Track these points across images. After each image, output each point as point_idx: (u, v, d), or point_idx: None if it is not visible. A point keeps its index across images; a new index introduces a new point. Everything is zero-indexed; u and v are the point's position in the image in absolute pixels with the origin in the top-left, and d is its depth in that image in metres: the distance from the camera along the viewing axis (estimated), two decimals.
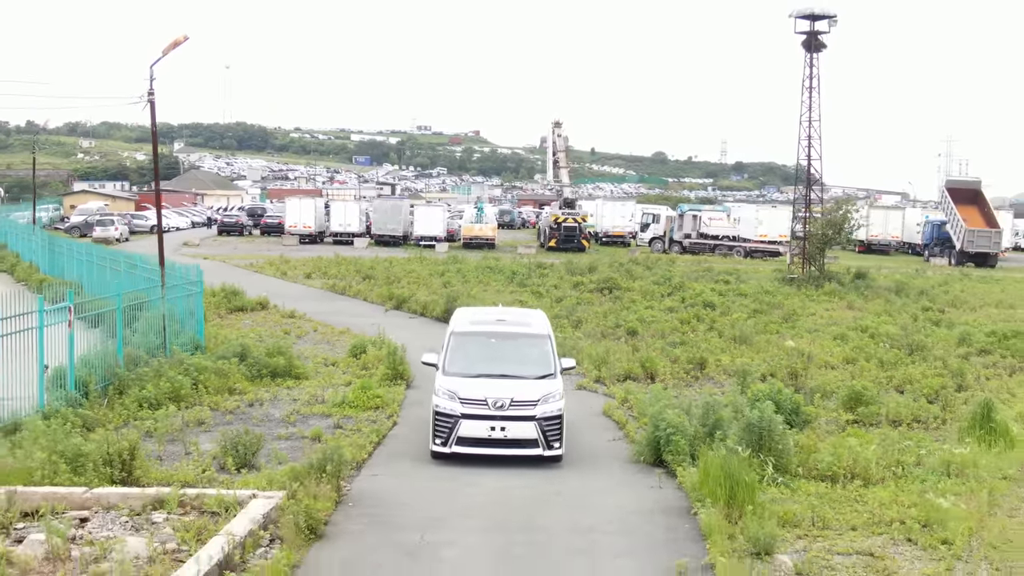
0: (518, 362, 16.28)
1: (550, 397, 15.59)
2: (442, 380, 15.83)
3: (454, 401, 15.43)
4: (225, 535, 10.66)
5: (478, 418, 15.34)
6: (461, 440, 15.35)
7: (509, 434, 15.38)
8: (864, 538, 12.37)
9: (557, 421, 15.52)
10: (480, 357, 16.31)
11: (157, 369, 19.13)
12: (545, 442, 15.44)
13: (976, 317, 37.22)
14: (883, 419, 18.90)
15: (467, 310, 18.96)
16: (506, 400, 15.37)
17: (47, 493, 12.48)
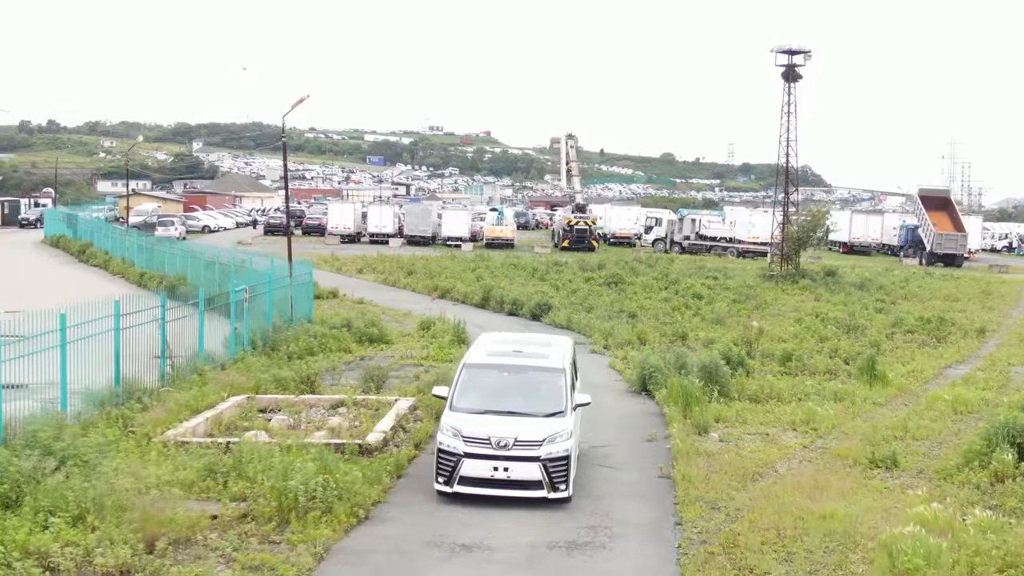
0: (527, 398, 15.75)
1: (557, 437, 15.01)
2: (447, 416, 15.44)
3: (457, 439, 14.97)
4: (394, 412, 18.78)
5: (481, 457, 14.84)
6: (463, 480, 14.89)
7: (512, 475, 14.85)
8: (766, 427, 20.40)
9: (563, 462, 14.94)
10: (489, 392, 15.89)
11: (294, 334, 27.22)
12: (550, 484, 14.88)
13: (920, 307, 45.14)
14: (805, 371, 26.90)
15: (490, 336, 18.73)
16: (510, 439, 14.86)
17: (270, 399, 20.56)
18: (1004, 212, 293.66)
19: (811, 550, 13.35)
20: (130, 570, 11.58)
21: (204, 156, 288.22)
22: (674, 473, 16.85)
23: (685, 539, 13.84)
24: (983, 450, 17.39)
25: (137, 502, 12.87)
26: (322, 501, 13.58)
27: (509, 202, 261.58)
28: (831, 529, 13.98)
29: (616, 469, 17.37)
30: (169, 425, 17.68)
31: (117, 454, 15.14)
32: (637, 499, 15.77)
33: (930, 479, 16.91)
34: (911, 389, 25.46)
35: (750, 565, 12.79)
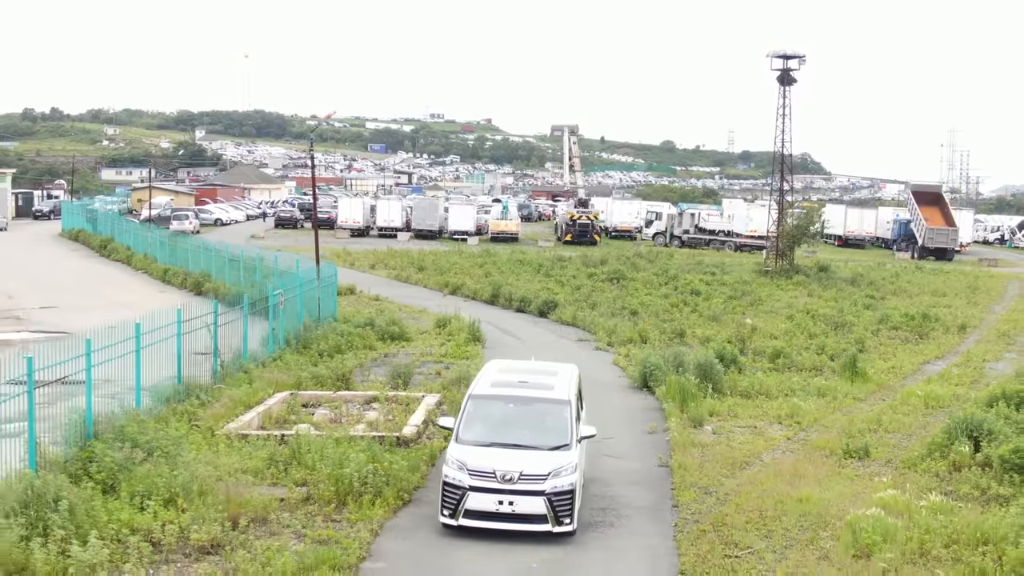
0: (533, 430, 15.77)
1: (562, 471, 15.02)
2: (452, 449, 15.46)
3: (462, 472, 15.00)
4: (424, 407, 21.17)
5: (486, 491, 14.88)
6: (468, 513, 14.95)
7: (517, 508, 14.88)
8: (754, 421, 22.77)
9: (568, 496, 14.97)
10: (494, 424, 15.93)
11: (323, 333, 29.57)
12: (555, 518, 14.91)
13: (908, 302, 47.47)
14: (793, 367, 29.27)
15: (496, 364, 18.51)
16: (515, 473, 14.88)
17: (310, 395, 22.93)
18: (1002, 201, 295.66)
19: (788, 528, 15.72)
20: (220, 544, 13.96)
21: (207, 144, 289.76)
22: (671, 462, 19.23)
23: (681, 519, 16.21)
24: (944, 442, 19.77)
25: (218, 487, 15.25)
26: (372, 486, 15.95)
27: (510, 190, 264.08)
28: (806, 511, 16.35)
29: (621, 459, 19.76)
30: (227, 419, 20.05)
31: (190, 446, 17.50)
32: (639, 485, 18.15)
33: (896, 468, 19.27)
34: (889, 385, 27.84)
35: (735, 540, 15.17)
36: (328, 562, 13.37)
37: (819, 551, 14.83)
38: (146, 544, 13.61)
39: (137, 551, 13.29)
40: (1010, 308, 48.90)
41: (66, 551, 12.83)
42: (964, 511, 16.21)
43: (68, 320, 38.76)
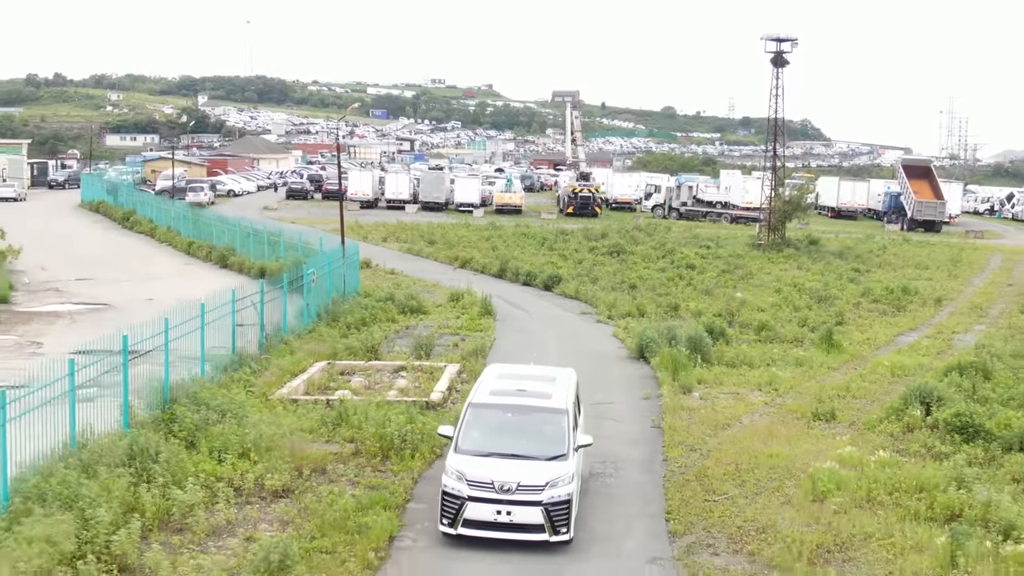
0: (530, 440, 16.08)
1: (559, 481, 15.33)
2: (452, 459, 15.77)
3: (461, 482, 15.30)
4: (447, 375, 24.20)
5: (484, 501, 15.20)
6: (467, 523, 15.27)
7: (515, 518, 15.19)
8: (737, 388, 25.77)
9: (565, 506, 15.29)
10: (493, 433, 16.22)
11: (349, 307, 32.54)
12: (552, 527, 15.24)
13: (891, 275, 50.36)
14: (776, 339, 32.24)
15: (495, 371, 18.81)
16: (513, 484, 15.18)
17: (345, 364, 25.93)
18: (1000, 168, 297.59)
19: (759, 479, 18.75)
20: (290, 489, 16.99)
21: (210, 110, 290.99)
22: (663, 424, 22.26)
23: (669, 471, 19.25)
24: (900, 407, 22.79)
25: (283, 443, 18.27)
26: (410, 442, 18.98)
27: (511, 157, 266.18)
28: (775, 464, 19.37)
29: (619, 422, 22.78)
30: (277, 386, 23.07)
31: (252, 409, 20.51)
32: (635, 443, 21.18)
33: (857, 429, 22.29)
34: (862, 355, 30.82)
35: (714, 488, 18.20)
36: (380, 503, 16.41)
37: (783, 497, 17.86)
38: (229, 489, 16.64)
39: (224, 494, 16.32)
40: (988, 281, 51.78)
41: (167, 494, 15.84)
42: (908, 465, 19.24)
43: (104, 292, 41.73)
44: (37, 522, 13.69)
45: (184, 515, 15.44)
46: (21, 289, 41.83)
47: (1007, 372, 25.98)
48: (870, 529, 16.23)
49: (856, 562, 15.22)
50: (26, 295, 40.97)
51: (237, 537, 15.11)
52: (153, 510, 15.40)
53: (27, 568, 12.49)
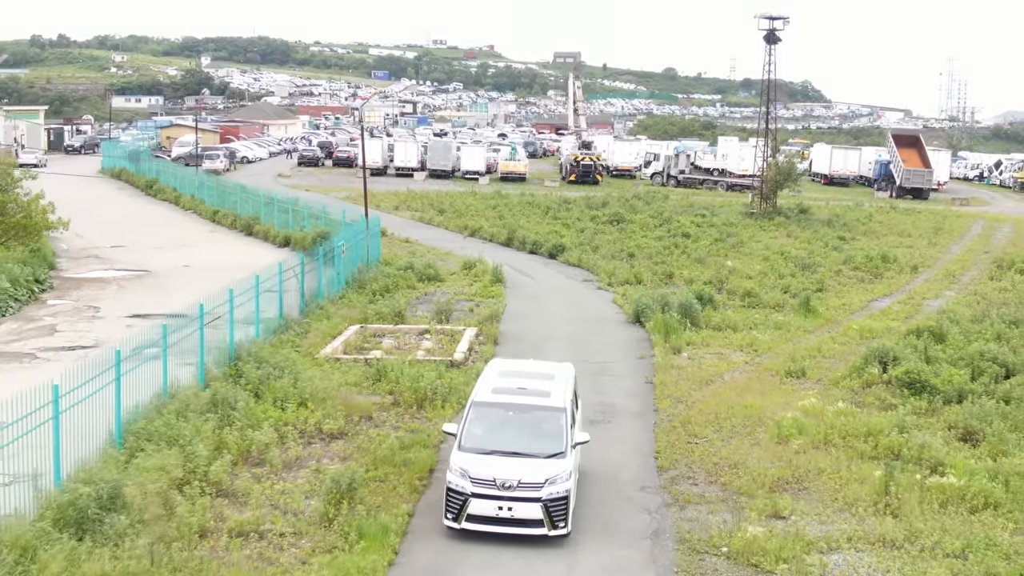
0: (530, 437, 16.83)
1: (557, 479, 16.07)
2: (456, 457, 16.48)
3: (465, 479, 16.05)
4: (467, 338, 27.69)
5: (487, 498, 15.95)
6: (470, 517, 16.03)
7: (516, 514, 15.96)
8: (721, 349, 29.24)
9: (563, 502, 16.06)
10: (494, 431, 16.97)
11: (374, 275, 35.94)
12: (550, 522, 16.00)
13: (874, 243, 53.68)
14: (760, 305, 35.65)
15: (497, 367, 19.41)
16: (513, 481, 15.94)
17: (376, 328, 29.39)
18: (999, 130, 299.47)
19: (734, 425, 22.24)
20: (344, 432, 20.49)
21: (213, 72, 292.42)
22: (655, 380, 25.74)
23: (659, 419, 22.75)
24: (861, 365, 26.27)
25: (335, 394, 21.77)
26: (441, 394, 22.47)
27: (513, 119, 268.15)
28: (749, 414, 22.85)
29: (617, 377, 26.27)
30: (320, 347, 26.54)
31: (303, 366, 23.99)
32: (631, 396, 24.67)
33: (823, 385, 25.77)
34: (836, 320, 34.27)
35: (696, 432, 21.71)
36: (419, 443, 19.93)
37: (754, 440, 21.38)
38: (295, 431, 20.15)
39: (291, 436, 19.83)
40: (966, 248, 55.11)
41: (246, 435, 19.32)
42: (860, 415, 22.74)
43: (142, 259, 45.07)
44: (149, 456, 17.19)
45: (261, 452, 18.94)
46: (62, 256, 45.06)
47: (960, 335, 29.40)
48: (823, 466, 19.71)
49: (809, 491, 18.73)
50: (69, 261, 44.25)
51: (307, 469, 18.65)
52: (236, 448, 18.88)
53: (151, 489, 15.97)
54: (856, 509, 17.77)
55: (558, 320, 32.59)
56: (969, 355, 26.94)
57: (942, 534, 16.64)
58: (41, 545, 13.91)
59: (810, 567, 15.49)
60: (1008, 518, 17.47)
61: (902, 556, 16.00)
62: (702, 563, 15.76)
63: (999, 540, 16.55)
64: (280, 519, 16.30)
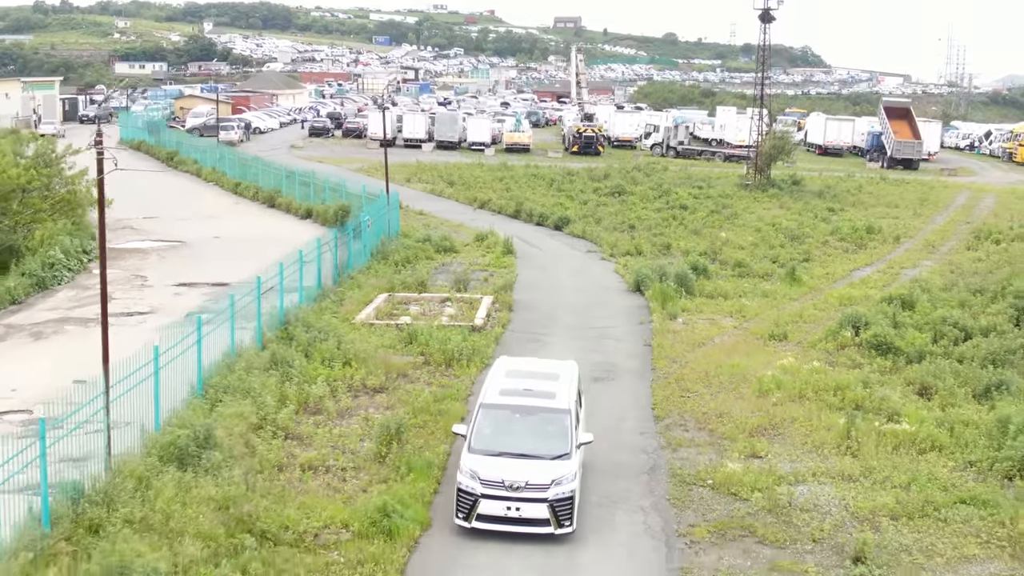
0: (537, 439, 17.43)
1: (563, 480, 16.71)
2: (466, 458, 17.13)
3: (475, 481, 16.73)
4: (484, 305, 30.98)
5: (496, 498, 16.62)
6: (480, 517, 16.72)
7: (524, 514, 16.62)
8: (712, 315, 32.52)
9: (568, 502, 16.72)
10: (502, 433, 17.58)
11: (395, 247, 39.15)
12: (556, 521, 16.69)
13: (862, 214, 56.76)
14: (750, 274, 38.88)
15: (503, 367, 20.07)
16: (522, 482, 16.60)
17: (402, 296, 32.65)
18: (997, 95, 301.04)
19: (721, 381, 25.55)
20: (385, 387, 23.79)
21: (216, 37, 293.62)
22: (653, 343, 29.03)
23: (656, 377, 26.05)
24: (836, 329, 29.55)
25: (375, 355, 25.07)
26: (466, 355, 25.77)
27: (514, 85, 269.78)
28: (735, 372, 26.13)
29: (619, 341, 29.57)
30: (355, 313, 29.81)
31: (343, 330, 27.26)
32: (631, 357, 27.97)
33: (802, 347, 29.06)
34: (819, 288, 37.52)
35: (688, 388, 25.02)
36: (449, 397, 23.25)
37: (738, 394, 24.69)
38: (343, 386, 23.47)
39: (341, 389, 23.16)
40: (948, 219, 58.23)
41: (303, 389, 22.63)
42: (832, 372, 26.06)
43: (174, 230, 48.19)
44: (228, 405, 20.52)
45: (317, 403, 22.26)
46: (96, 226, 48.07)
47: (927, 303, 32.65)
48: (796, 415, 23.05)
49: (782, 436, 22.07)
50: (107, 232, 47.33)
51: (357, 417, 22.00)
52: (296, 399, 22.19)
53: (235, 432, 19.30)
54: (822, 451, 21.12)
55: (565, 289, 35.88)
56: (933, 321, 30.24)
57: (892, 470, 19.98)
58: (152, 475, 17.22)
59: (779, 495, 18.83)
60: (950, 458, 20.81)
61: (856, 487, 19.35)
62: (690, 492, 19.11)
63: (939, 475, 19.90)
64: (341, 457, 19.67)
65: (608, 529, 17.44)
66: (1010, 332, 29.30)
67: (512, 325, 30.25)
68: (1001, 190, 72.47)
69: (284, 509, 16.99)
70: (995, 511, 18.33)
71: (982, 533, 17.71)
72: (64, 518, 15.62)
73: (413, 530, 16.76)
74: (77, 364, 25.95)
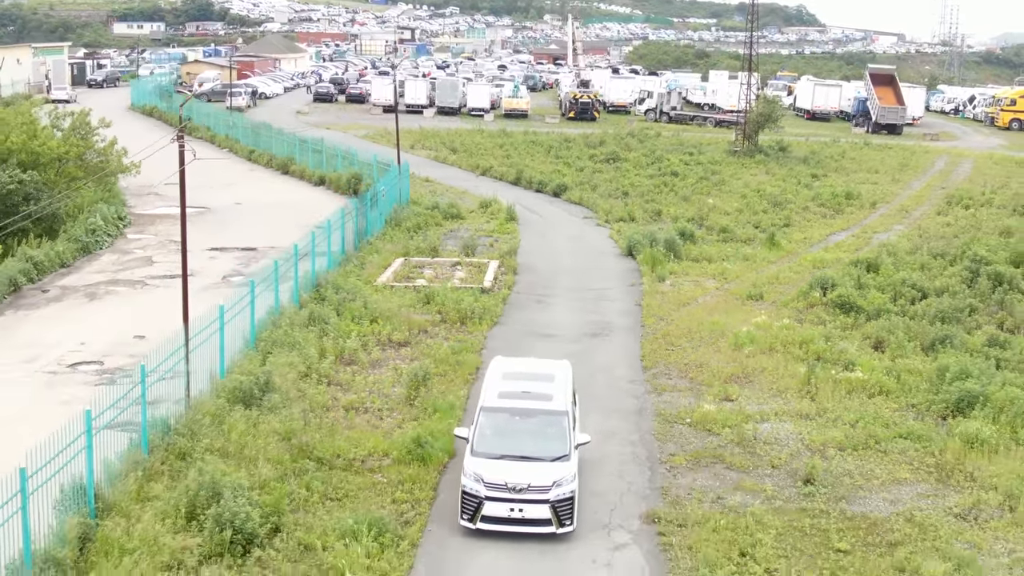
0: (537, 441, 18.11)
1: (563, 481, 17.37)
2: (470, 462, 17.71)
3: (479, 484, 17.31)
4: (492, 269, 34.48)
5: (499, 500, 17.27)
6: (485, 518, 17.33)
7: (526, 514, 17.28)
8: (697, 277, 36.04)
9: (569, 502, 17.39)
10: (503, 436, 18.21)
11: (407, 214, 42.52)
12: (558, 521, 17.36)
13: (843, 180, 60.05)
14: (733, 239, 42.33)
15: (499, 368, 20.51)
16: (524, 485, 17.25)
17: (417, 260, 36.10)
18: (991, 55, 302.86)
19: (702, 336, 29.08)
20: (408, 342, 27.31)
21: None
22: (643, 303, 32.55)
23: (644, 333, 29.58)
24: (807, 290, 33.08)
25: (398, 313, 28.59)
26: (477, 314, 29.29)
27: (509, 44, 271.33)
28: (714, 328, 29.64)
29: (613, 301, 33.10)
30: (375, 276, 33.27)
31: (368, 291, 30.73)
32: (623, 315, 31.50)
33: (775, 306, 32.58)
34: (796, 252, 40.97)
35: (672, 342, 28.57)
36: (465, 349, 26.78)
37: (716, 348, 28.25)
38: (373, 340, 26.99)
39: (371, 343, 26.69)
40: (925, 184, 61.53)
41: (338, 343, 26.13)
42: (799, 328, 29.61)
43: (197, 196, 50.89)
44: (278, 356, 24.05)
45: (352, 355, 25.78)
46: (126, 193, 51.26)
47: (891, 266, 36.15)
48: (766, 365, 26.62)
49: (752, 383, 25.64)
50: (134, 199, 50.45)
51: (387, 367, 25.55)
52: (333, 352, 25.71)
53: (287, 378, 22.83)
54: (785, 395, 24.74)
55: (564, 254, 39.32)
56: (894, 282, 33.79)
57: (843, 411, 23.61)
58: (224, 413, 20.77)
59: (746, 431, 22.44)
60: (895, 401, 24.44)
61: (811, 424, 22.98)
62: (671, 429, 22.72)
63: (883, 415, 23.52)
64: (377, 399, 23.25)
65: (602, 457, 21.01)
66: (961, 292, 32.86)
67: (517, 287, 33.74)
68: (979, 155, 75.67)
69: (334, 441, 20.59)
70: (928, 444, 21.94)
71: (914, 462, 21.34)
72: (158, 447, 19.21)
73: (442, 457, 20.33)
74: (132, 321, 29.73)
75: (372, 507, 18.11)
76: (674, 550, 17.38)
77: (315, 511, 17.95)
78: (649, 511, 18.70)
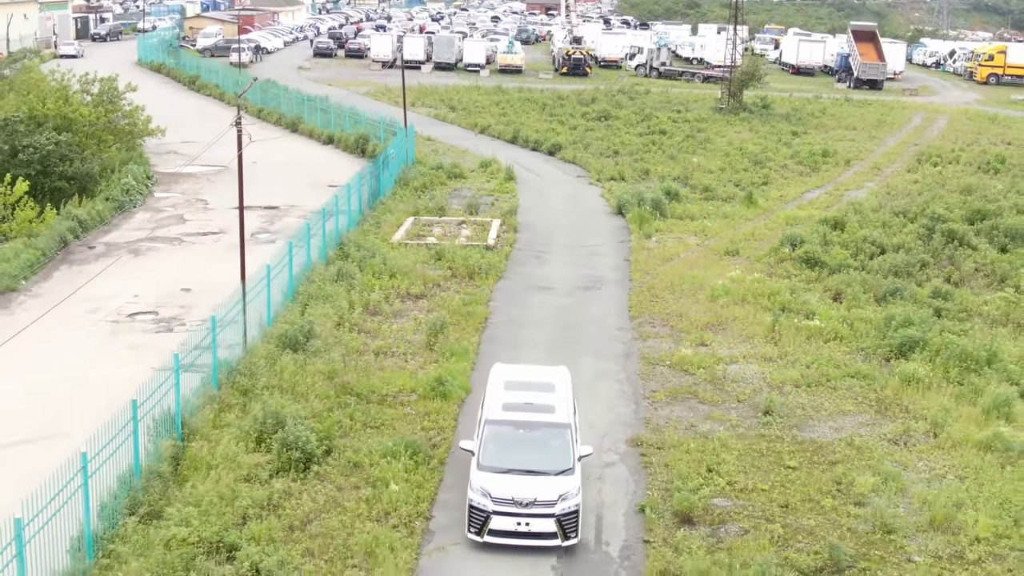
0: (541, 454, 18.39)
1: (568, 495, 17.68)
2: (476, 476, 17.98)
3: (486, 498, 17.62)
4: (495, 227, 38.22)
5: (506, 515, 17.56)
6: (492, 532, 17.66)
7: (532, 528, 17.56)
8: (680, 234, 39.78)
9: (573, 516, 17.66)
10: (508, 449, 18.42)
11: (413, 175, 46.07)
12: (563, 534, 17.66)
13: (822, 137, 63.56)
14: (715, 198, 46.01)
15: (500, 376, 20.73)
16: (531, 499, 17.54)
17: (426, 219, 39.76)
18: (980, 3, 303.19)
19: (683, 289, 32.88)
20: (424, 295, 31.08)
21: None
22: (630, 259, 36.31)
23: (632, 286, 33.36)
24: (778, 246, 36.86)
25: (413, 269, 32.33)
26: (484, 269, 33.04)
27: None
28: (694, 282, 33.43)
29: (604, 256, 36.87)
30: (390, 234, 36.95)
31: (385, 249, 34.43)
32: (613, 270, 35.28)
33: (749, 261, 36.36)
34: (772, 209, 44.68)
35: (656, 295, 32.37)
36: (475, 301, 30.57)
37: (695, 299, 32.07)
38: (394, 293, 30.75)
39: (392, 296, 30.46)
40: (899, 141, 65.06)
41: (364, 296, 29.86)
42: (769, 281, 33.44)
43: (215, 155, 54.20)
44: (314, 307, 27.82)
45: (376, 307, 29.55)
46: (147, 152, 54.46)
47: (856, 223, 39.90)
48: (738, 315, 30.48)
49: (726, 330, 29.50)
50: (155, 157, 53.61)
51: (407, 317, 29.34)
52: (360, 304, 29.46)
53: (325, 325, 26.63)
54: (752, 341, 28.63)
55: (559, 213, 42.99)
56: (857, 239, 37.59)
57: (801, 354, 27.51)
58: (275, 357, 24.59)
59: (717, 371, 26.35)
60: (848, 346, 28.35)
61: (773, 366, 26.89)
62: (654, 369, 26.61)
63: (836, 357, 27.42)
64: (402, 345, 27.08)
65: (595, 393, 24.91)
66: (916, 249, 36.69)
67: (518, 244, 37.47)
68: (955, 111, 79.15)
69: (369, 380, 24.45)
70: (872, 382, 25.89)
71: (859, 397, 25.29)
72: (225, 384, 23.06)
73: (460, 393, 24.21)
74: (177, 275, 33.46)
75: (405, 433, 21.98)
76: (653, 467, 21.34)
77: (358, 436, 21.85)
78: (633, 436, 22.64)
